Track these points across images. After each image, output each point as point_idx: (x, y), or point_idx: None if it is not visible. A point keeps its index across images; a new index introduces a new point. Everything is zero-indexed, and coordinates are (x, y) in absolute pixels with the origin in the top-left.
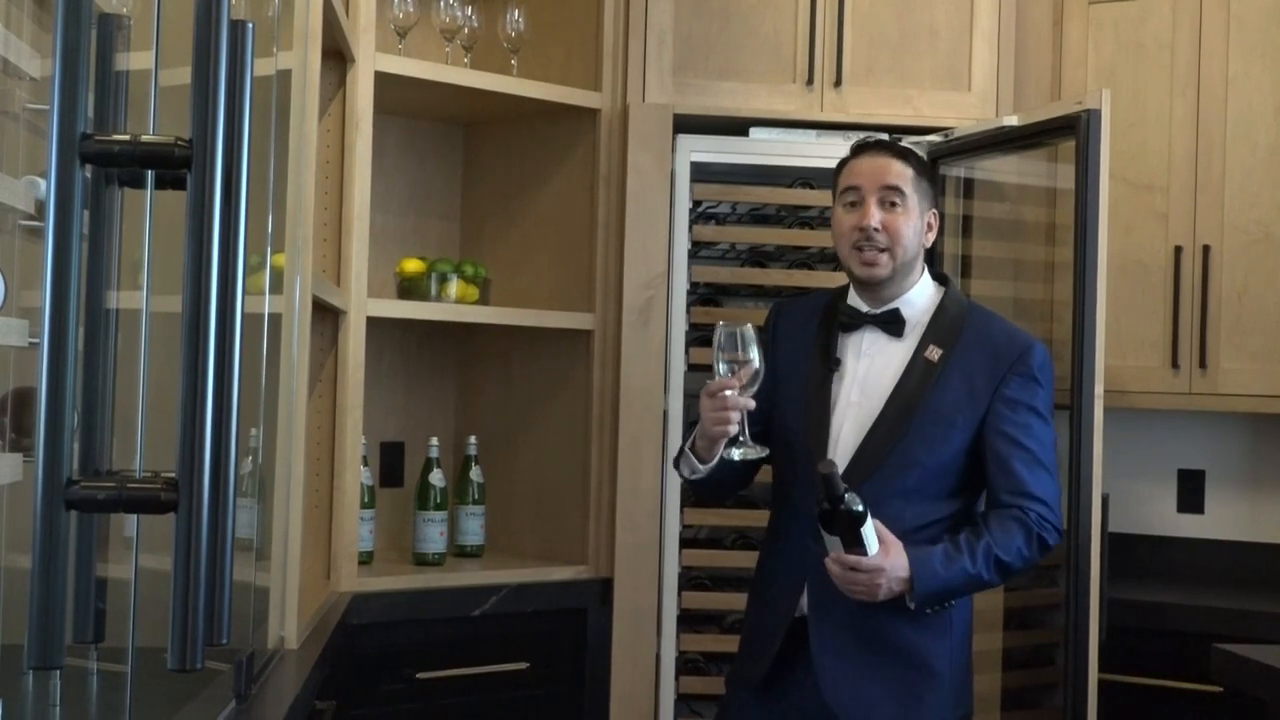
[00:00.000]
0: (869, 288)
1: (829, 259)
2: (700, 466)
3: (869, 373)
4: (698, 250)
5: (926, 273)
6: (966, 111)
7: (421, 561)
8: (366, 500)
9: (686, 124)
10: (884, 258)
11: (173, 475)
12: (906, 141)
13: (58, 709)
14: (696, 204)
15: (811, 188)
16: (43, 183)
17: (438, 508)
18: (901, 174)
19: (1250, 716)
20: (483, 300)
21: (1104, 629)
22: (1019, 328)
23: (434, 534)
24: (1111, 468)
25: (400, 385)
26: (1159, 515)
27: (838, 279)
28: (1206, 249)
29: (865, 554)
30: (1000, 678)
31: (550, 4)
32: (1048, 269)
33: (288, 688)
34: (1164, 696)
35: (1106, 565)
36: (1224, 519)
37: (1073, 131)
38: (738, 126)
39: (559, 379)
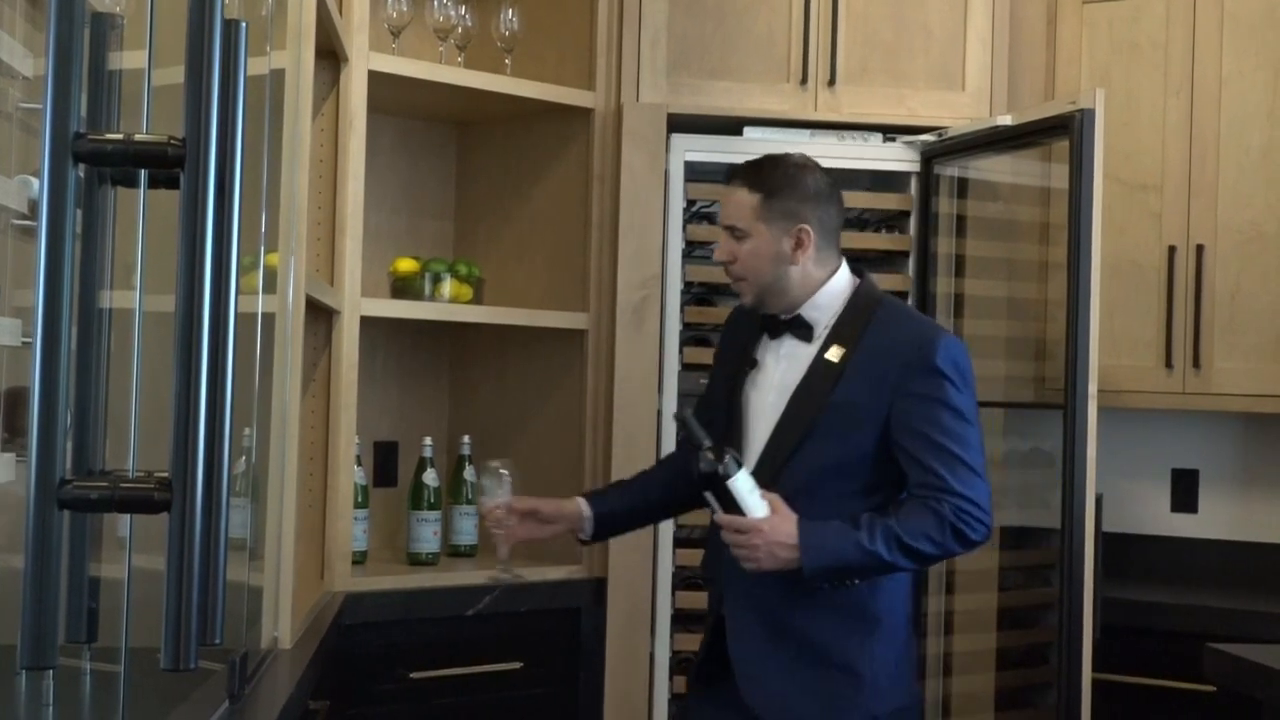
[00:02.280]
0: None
1: None
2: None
3: (783, 376)
4: (692, 250)
5: (841, 272)
6: (960, 111)
7: (415, 561)
8: (360, 500)
9: (680, 123)
10: (744, 285)
11: (166, 475)
12: (901, 141)
13: (51, 709)
14: (691, 203)
15: None
16: (36, 182)
17: (431, 507)
18: (740, 208)
19: (1244, 716)
20: (476, 300)
21: (1098, 628)
22: (931, 322)
23: (428, 533)
24: (1105, 467)
25: (394, 385)
26: (1153, 515)
27: None
28: (1200, 249)
29: (750, 515)
30: (994, 677)
31: (544, 3)
32: (1041, 269)
33: (281, 688)
34: (1158, 696)
35: (1100, 565)
36: (1218, 518)
37: (1066, 131)
38: (732, 126)
39: (553, 379)
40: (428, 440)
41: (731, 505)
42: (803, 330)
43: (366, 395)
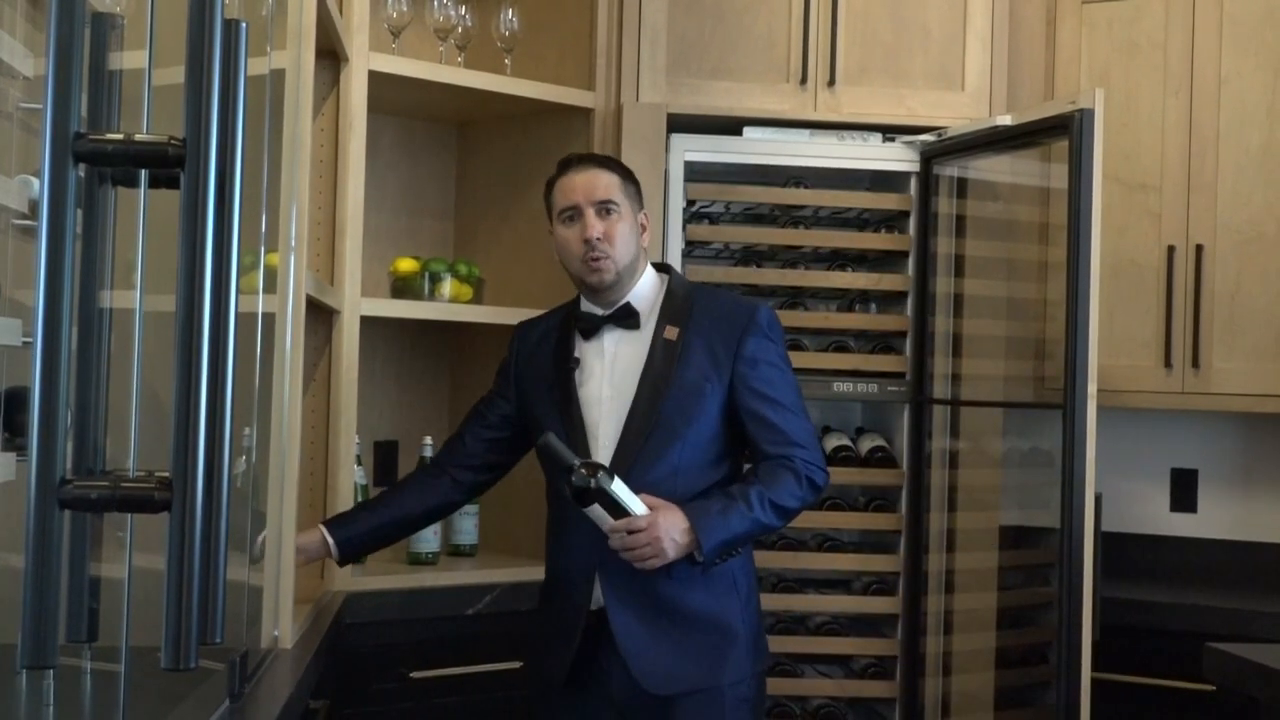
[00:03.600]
0: (600, 292)
1: (823, 258)
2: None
3: (615, 367)
4: (692, 250)
5: (650, 266)
6: (960, 111)
7: (415, 561)
8: (360, 499)
9: (680, 123)
10: (609, 264)
11: (166, 475)
12: (900, 141)
13: (51, 709)
14: (690, 203)
15: (805, 187)
16: (36, 182)
17: None
18: (611, 185)
19: (1243, 715)
20: (476, 299)
21: (1097, 628)
22: (741, 296)
23: (428, 533)
24: (1105, 467)
25: (394, 384)
26: (1152, 514)
27: (833, 279)
28: (1199, 248)
29: (634, 515)
30: (994, 676)
31: (544, 3)
32: (1041, 269)
33: (281, 687)
34: (1157, 695)
35: (1099, 564)
36: (1217, 518)
37: (1066, 131)
38: (732, 126)
39: None
40: (428, 440)
41: (616, 511)
42: (630, 319)
43: (366, 395)
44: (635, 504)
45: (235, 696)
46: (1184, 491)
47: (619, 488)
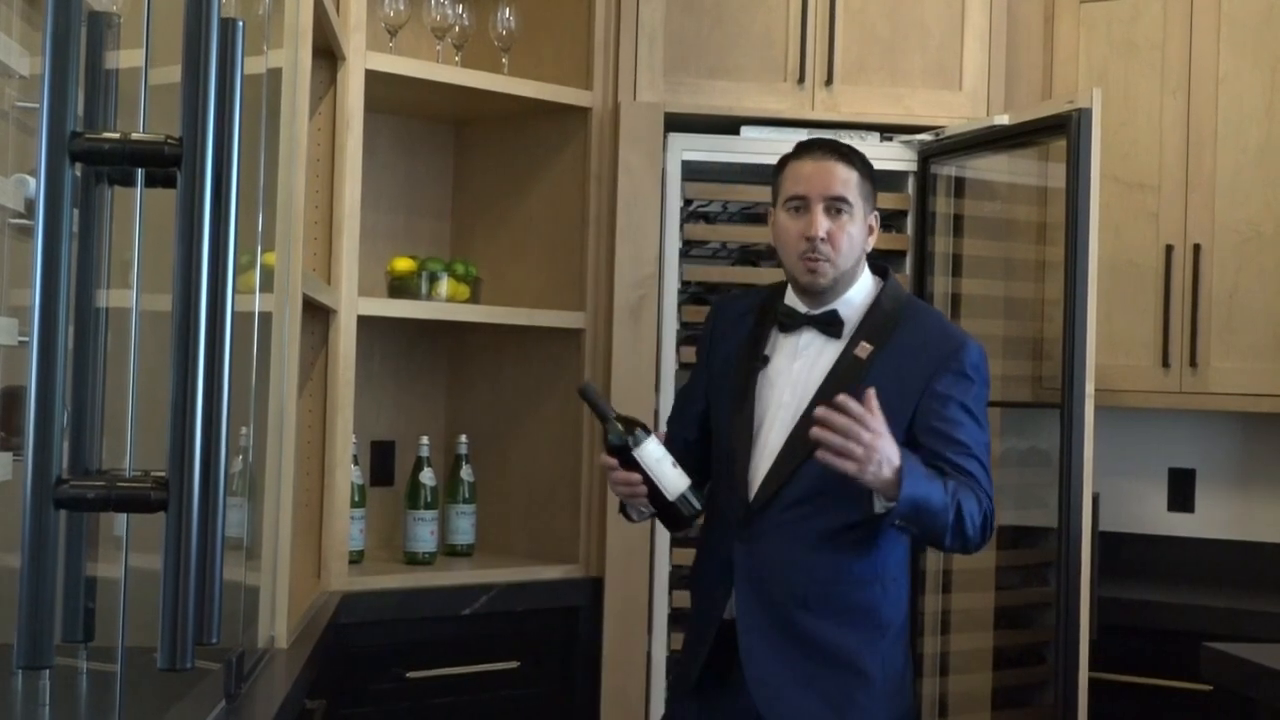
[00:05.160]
0: (810, 293)
1: None
2: (644, 510)
3: (801, 372)
4: (689, 249)
5: (867, 270)
6: (958, 110)
7: (412, 560)
8: (357, 499)
9: (678, 122)
10: (827, 267)
11: (163, 474)
12: (898, 140)
13: (47, 709)
14: (688, 203)
15: None
16: (32, 181)
17: (428, 507)
18: (847, 181)
19: (1240, 715)
20: (473, 299)
21: (1094, 628)
22: (956, 325)
23: (424, 533)
24: (1102, 466)
25: (391, 384)
26: (1150, 514)
27: None
28: (1197, 248)
29: (663, 488)
30: (991, 676)
31: (541, 2)
32: (1039, 268)
33: (278, 687)
34: (1154, 695)
35: (1097, 564)
36: (1214, 518)
37: (1064, 130)
38: (729, 125)
39: (550, 378)
40: (425, 439)
41: (645, 477)
42: (832, 327)
43: (363, 394)
44: (665, 472)
45: (231, 696)
46: (1182, 491)
47: (651, 449)
